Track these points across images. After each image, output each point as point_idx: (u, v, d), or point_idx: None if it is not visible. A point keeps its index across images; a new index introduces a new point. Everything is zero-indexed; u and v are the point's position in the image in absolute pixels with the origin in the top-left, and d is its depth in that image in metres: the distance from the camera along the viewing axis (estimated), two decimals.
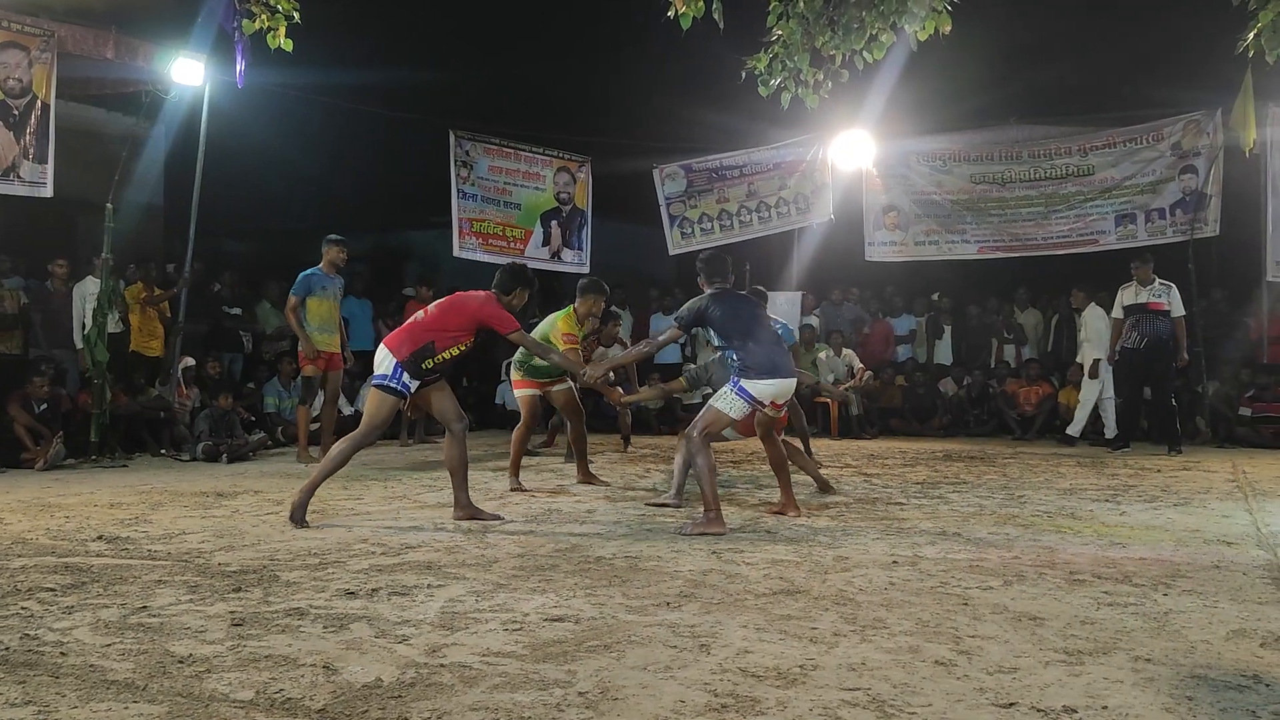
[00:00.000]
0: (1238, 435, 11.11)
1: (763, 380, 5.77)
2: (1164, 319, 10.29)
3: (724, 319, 5.88)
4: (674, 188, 13.67)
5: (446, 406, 6.00)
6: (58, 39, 8.68)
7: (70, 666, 3.13)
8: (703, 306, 5.93)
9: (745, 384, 5.77)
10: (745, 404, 5.81)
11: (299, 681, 3.00)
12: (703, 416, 5.87)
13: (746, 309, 6.02)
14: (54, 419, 8.93)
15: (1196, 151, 11.81)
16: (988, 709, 2.80)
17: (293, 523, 5.64)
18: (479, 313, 5.83)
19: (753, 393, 5.77)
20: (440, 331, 5.75)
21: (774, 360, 5.85)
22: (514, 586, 4.21)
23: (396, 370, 5.70)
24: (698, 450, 5.73)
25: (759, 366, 5.78)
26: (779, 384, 5.86)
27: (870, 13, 6.43)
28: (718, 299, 5.95)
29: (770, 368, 5.80)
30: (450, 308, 5.90)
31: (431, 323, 5.79)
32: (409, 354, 5.69)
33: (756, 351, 5.80)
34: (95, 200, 9.57)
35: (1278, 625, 3.67)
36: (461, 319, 5.81)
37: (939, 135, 13.12)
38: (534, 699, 2.85)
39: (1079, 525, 5.85)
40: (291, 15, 7.07)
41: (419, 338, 5.74)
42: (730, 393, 5.80)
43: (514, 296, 6.03)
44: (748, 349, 5.81)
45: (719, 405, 5.82)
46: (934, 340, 13.62)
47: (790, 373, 5.99)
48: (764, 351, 5.83)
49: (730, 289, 6.10)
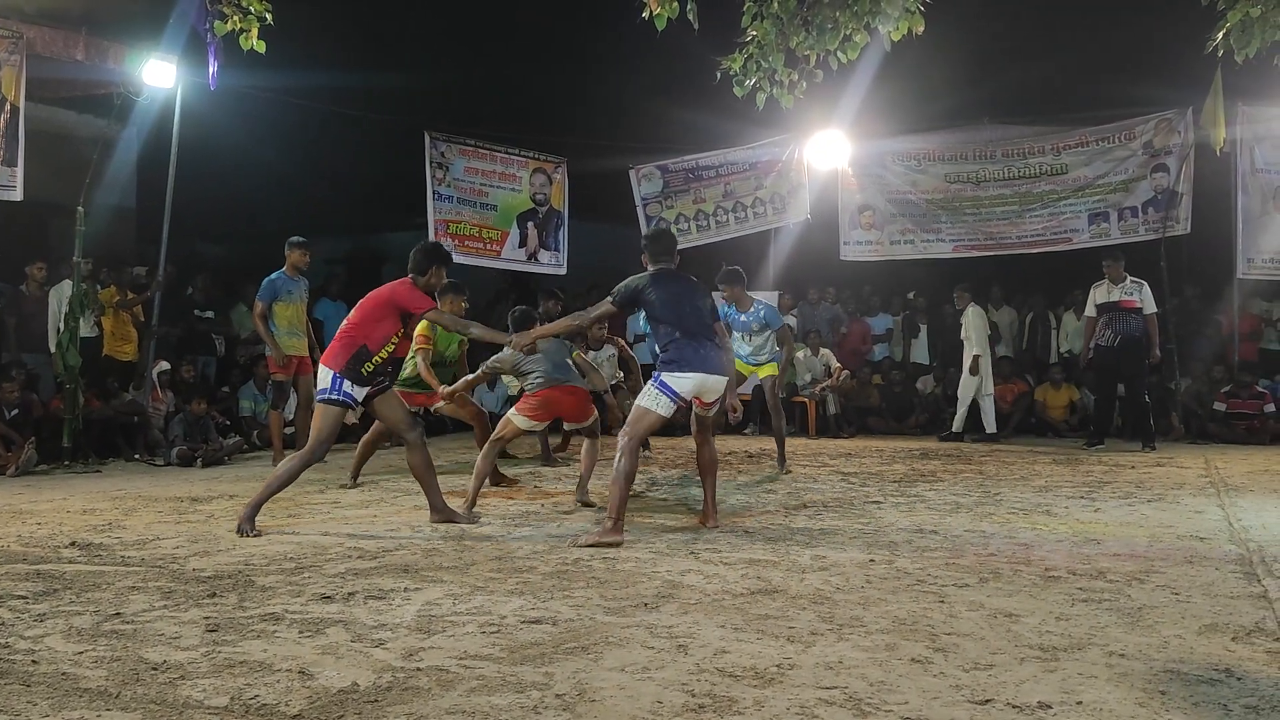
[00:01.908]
0: (1210, 431, 11.21)
1: (683, 374, 5.48)
2: (1137, 316, 10.38)
3: (659, 302, 5.60)
4: (651, 188, 13.67)
5: (397, 415, 5.97)
6: (27, 41, 8.58)
7: (42, 675, 3.10)
8: (640, 286, 5.67)
9: (665, 378, 5.50)
10: (669, 400, 5.51)
11: (274, 687, 2.98)
12: (630, 416, 5.60)
13: (686, 295, 5.70)
14: (26, 424, 8.83)
15: (1168, 150, 11.92)
16: (964, 706, 2.82)
17: (239, 534, 5.49)
18: (391, 298, 5.77)
19: (674, 387, 5.49)
20: (364, 330, 5.70)
21: (700, 354, 5.53)
22: (491, 589, 4.20)
23: (335, 381, 5.66)
24: (623, 453, 5.39)
25: (681, 359, 5.48)
26: (702, 379, 5.54)
27: (844, 13, 6.46)
28: (658, 280, 5.67)
29: (694, 361, 5.49)
30: (367, 303, 5.85)
31: (355, 326, 5.76)
32: (345, 362, 5.67)
33: (683, 343, 5.51)
34: (66, 203, 9.47)
35: (1249, 619, 3.71)
36: (378, 309, 5.75)
37: (914, 135, 13.18)
38: (511, 702, 2.85)
39: (1054, 522, 5.89)
40: (264, 16, 7.02)
41: (349, 345, 5.70)
42: (653, 387, 5.53)
43: (430, 275, 5.89)
44: (674, 339, 5.52)
45: (644, 403, 5.55)
46: (910, 339, 13.67)
47: (719, 369, 5.63)
48: (691, 344, 5.52)
49: (673, 271, 5.82)
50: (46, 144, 9.71)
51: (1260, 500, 6.76)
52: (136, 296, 10.33)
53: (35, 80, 8.94)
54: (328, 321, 11.83)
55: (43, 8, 8.65)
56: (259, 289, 8.84)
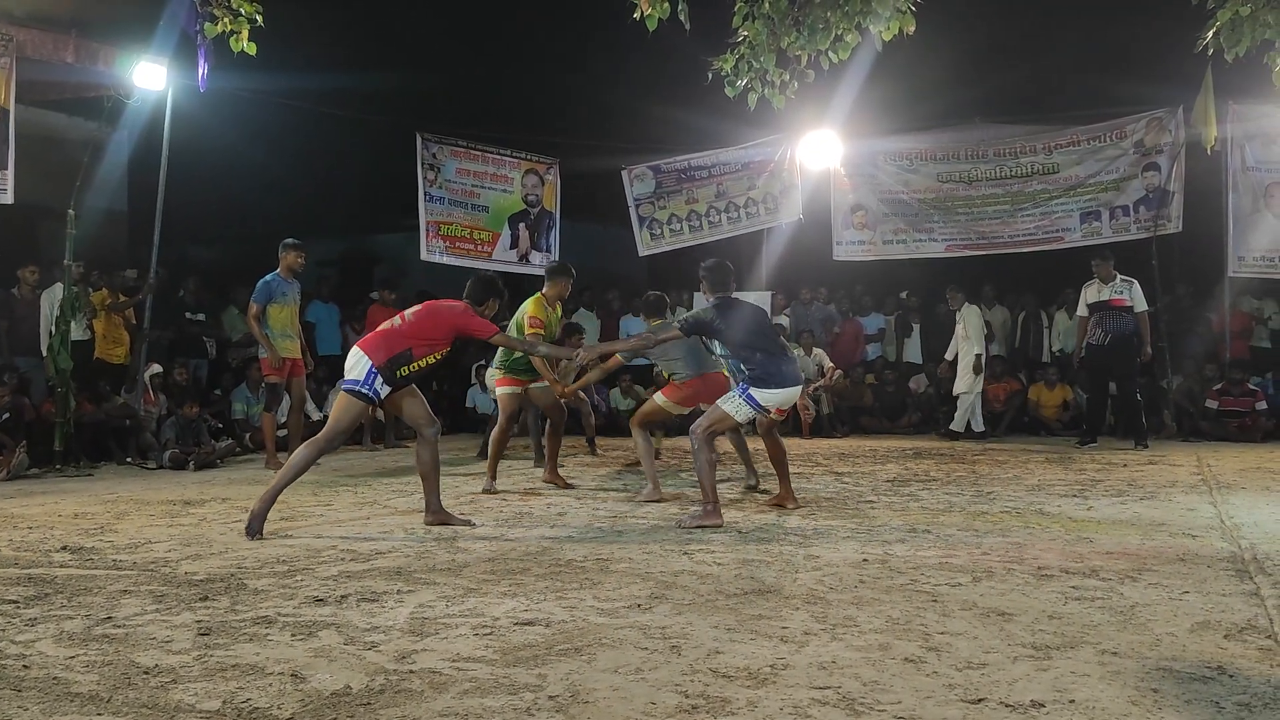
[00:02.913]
0: (1202, 429, 11.25)
1: (774, 390, 5.93)
2: (1128, 315, 10.41)
3: (731, 331, 6.01)
4: (643, 189, 13.67)
5: (418, 411, 5.96)
6: (17, 43, 8.56)
7: (33, 679, 3.08)
8: (708, 320, 6.08)
9: (755, 392, 5.91)
10: (751, 410, 5.99)
11: (266, 690, 2.97)
12: (708, 416, 6.03)
13: (753, 319, 6.18)
14: (17, 428, 8.80)
15: (1159, 149, 11.96)
16: (956, 705, 2.82)
17: (248, 534, 5.42)
18: (457, 323, 5.84)
19: (761, 401, 5.93)
20: (418, 340, 5.70)
21: (784, 370, 6.02)
22: (484, 591, 4.19)
23: (370, 375, 5.62)
24: (700, 446, 5.87)
25: (771, 377, 5.93)
26: (788, 393, 6.04)
27: (835, 13, 6.47)
28: (722, 311, 6.08)
29: (781, 377, 5.97)
30: (428, 316, 5.83)
31: (409, 331, 5.74)
32: (385, 360, 5.62)
33: (768, 363, 5.95)
34: (57, 206, 9.45)
35: (1241, 616, 3.71)
36: (441, 329, 5.78)
37: (905, 135, 13.21)
38: (504, 704, 2.84)
39: (1047, 521, 5.90)
40: (254, 18, 7.00)
41: (395, 345, 5.67)
42: (738, 398, 5.96)
43: (486, 306, 6.11)
44: (756, 360, 5.94)
45: (726, 408, 5.98)
46: (903, 338, 13.71)
47: (798, 380, 6.18)
48: (775, 362, 6.00)
49: (733, 298, 6.22)
50: (37, 147, 9.69)
51: (1252, 498, 6.78)
52: (128, 299, 10.31)
53: (25, 83, 8.92)
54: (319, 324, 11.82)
55: (33, 10, 8.63)
56: (253, 291, 8.82)
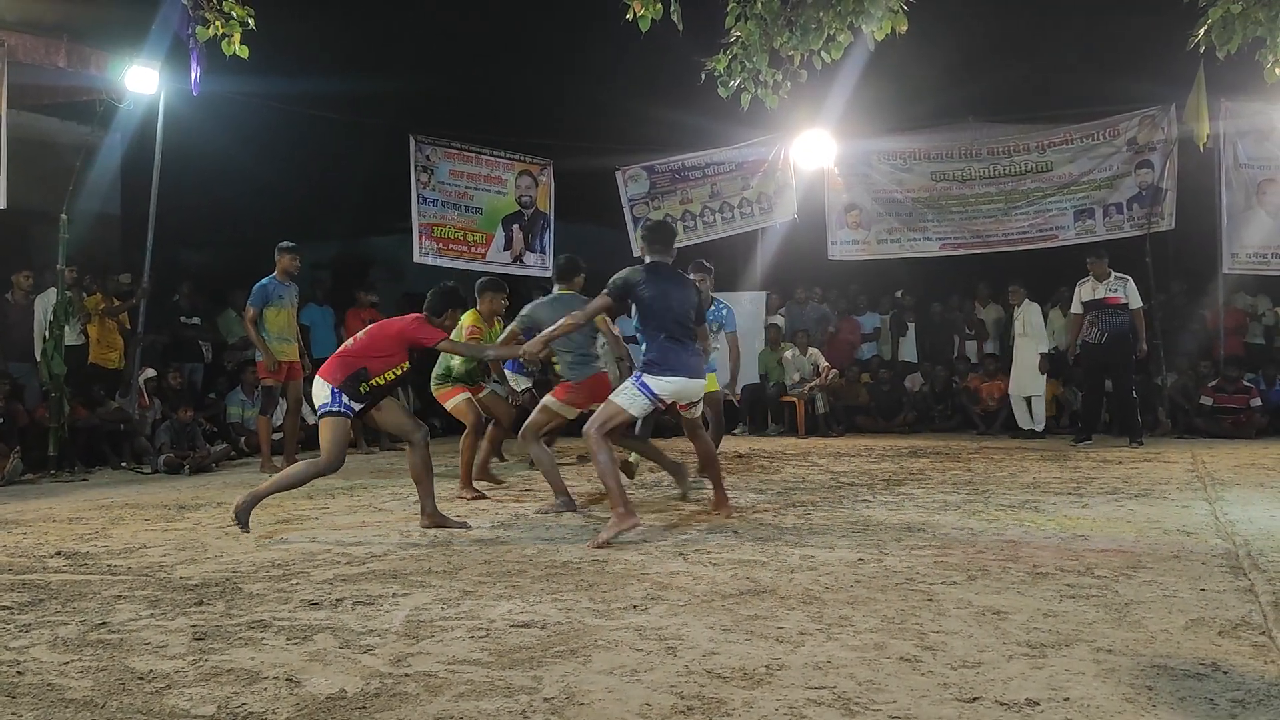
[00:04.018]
0: (1197, 426, 11.26)
1: (665, 378, 5.41)
2: (1123, 312, 10.42)
3: (651, 299, 5.48)
4: (637, 189, 13.69)
5: (400, 420, 5.95)
6: (8, 48, 8.53)
7: (27, 685, 3.08)
8: (636, 280, 5.51)
9: (648, 379, 5.41)
10: (647, 400, 5.46)
11: (262, 695, 2.96)
12: (601, 412, 5.49)
13: (677, 293, 5.58)
14: (11, 433, 8.78)
15: (1152, 146, 11.99)
16: (952, 704, 2.82)
17: (236, 521, 5.43)
18: (405, 333, 5.73)
19: (655, 389, 5.41)
20: (370, 357, 5.66)
21: (682, 357, 5.46)
22: (480, 593, 4.19)
23: (335, 395, 5.61)
24: (597, 447, 5.33)
25: (664, 362, 5.40)
26: (682, 383, 5.49)
27: (828, 13, 6.48)
28: (653, 274, 5.55)
29: (676, 365, 5.42)
30: (378, 332, 5.81)
31: (359, 350, 5.72)
32: (343, 379, 5.62)
33: (666, 346, 5.43)
34: (50, 210, 9.43)
35: (1235, 614, 3.72)
36: (390, 342, 5.71)
37: (899, 134, 13.23)
38: (499, 706, 2.84)
39: (1042, 519, 5.91)
40: (246, 22, 6.99)
41: (350, 365, 5.65)
42: (632, 386, 5.45)
43: (445, 318, 5.93)
44: (658, 341, 5.43)
45: (619, 400, 5.46)
46: (898, 337, 13.72)
47: (699, 374, 5.61)
48: (678, 349, 5.45)
49: (668, 266, 5.68)
50: (29, 151, 9.66)
51: (1246, 494, 6.79)
52: (122, 303, 10.29)
53: (17, 87, 8.89)
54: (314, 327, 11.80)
55: (24, 15, 8.60)
56: (250, 294, 8.82)
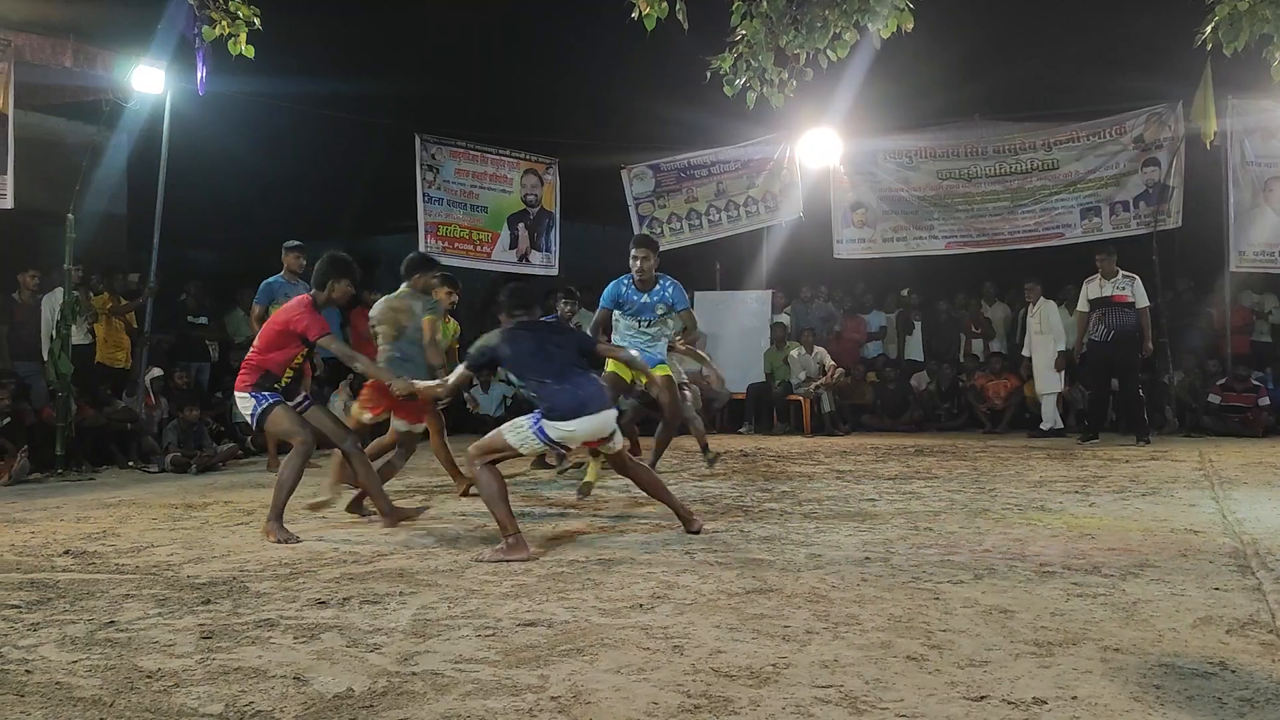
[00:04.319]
0: (1204, 424, 11.24)
1: (563, 424, 5.12)
2: (1129, 311, 10.40)
3: (516, 359, 5.27)
4: (642, 188, 13.68)
5: (328, 427, 5.85)
6: (15, 48, 8.56)
7: (36, 684, 3.09)
8: (492, 345, 5.31)
9: (545, 424, 5.14)
10: (538, 443, 5.24)
11: (269, 694, 2.97)
12: (487, 440, 5.30)
13: (543, 341, 5.30)
14: (18, 433, 8.80)
15: (1159, 144, 11.96)
16: (959, 702, 2.82)
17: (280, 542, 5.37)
18: (287, 325, 5.59)
19: (552, 435, 5.16)
20: (264, 355, 5.59)
21: (578, 398, 5.16)
22: (486, 592, 4.19)
23: (255, 398, 5.57)
24: (479, 472, 5.13)
25: (559, 407, 5.12)
26: (586, 423, 5.16)
27: (833, 11, 6.47)
28: (510, 336, 5.30)
29: (574, 406, 5.13)
30: (267, 330, 5.70)
31: (257, 352, 5.64)
32: (254, 382, 5.58)
33: (557, 391, 5.15)
34: (57, 210, 9.45)
35: (1243, 612, 3.71)
36: (278, 336, 5.61)
37: (905, 133, 13.21)
38: (506, 705, 2.84)
39: (1049, 517, 5.90)
40: (252, 21, 7.01)
41: (254, 370, 5.60)
42: (528, 428, 5.19)
43: (331, 289, 5.71)
44: (546, 387, 5.17)
45: (510, 437, 5.22)
46: (904, 336, 13.70)
47: (602, 403, 5.25)
48: (565, 390, 5.16)
49: (531, 322, 5.39)
50: (36, 151, 9.70)
51: (1254, 493, 6.77)
52: (129, 303, 10.31)
53: (24, 87, 8.92)
54: None
55: (30, 15, 8.63)
56: (256, 292, 8.83)
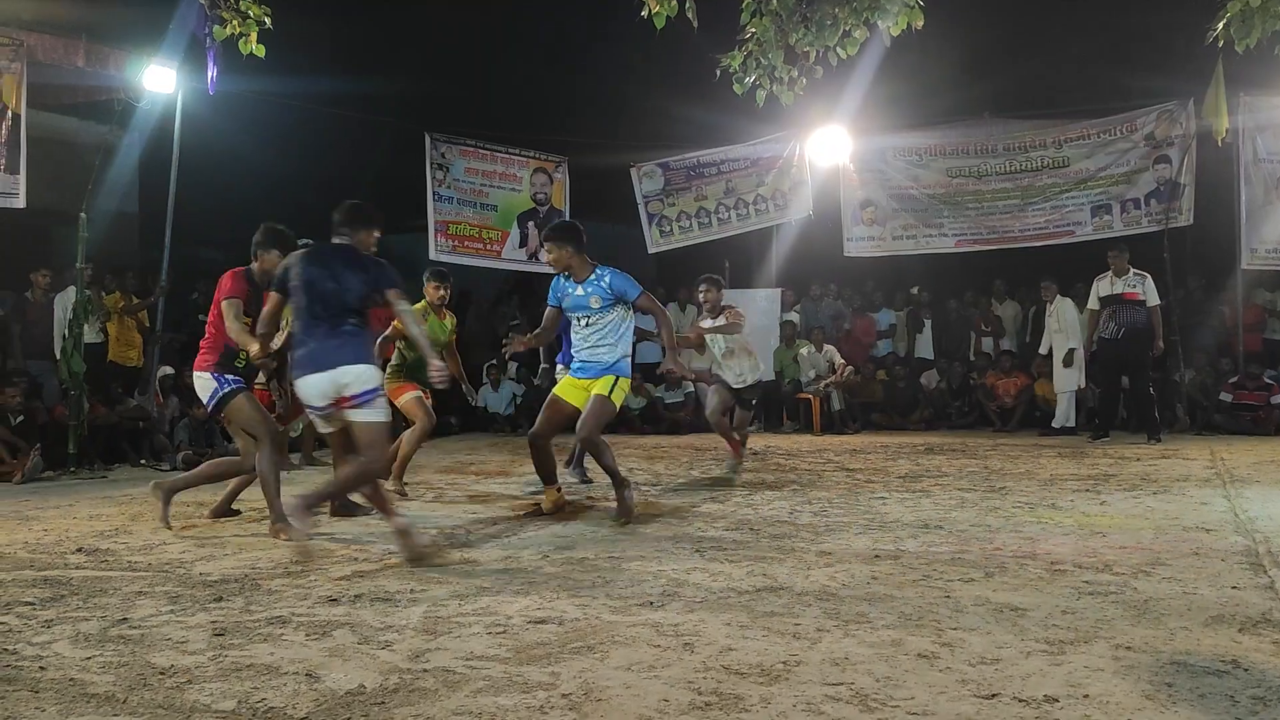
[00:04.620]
0: (1215, 423, 11.20)
1: (299, 376, 4.70)
2: (1140, 308, 10.37)
3: (293, 287, 4.73)
4: (652, 186, 13.68)
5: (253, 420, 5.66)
6: (27, 48, 8.61)
7: (50, 680, 3.10)
8: (287, 264, 4.83)
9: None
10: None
11: (281, 690, 2.98)
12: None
13: (327, 271, 4.70)
14: (31, 431, 8.84)
15: (1170, 141, 11.91)
16: (970, 700, 2.82)
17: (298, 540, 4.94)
18: (219, 294, 5.55)
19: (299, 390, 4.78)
20: (217, 330, 5.57)
21: (308, 348, 4.64)
22: (497, 590, 4.20)
23: (219, 380, 5.53)
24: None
25: (298, 359, 4.69)
26: (303, 384, 4.70)
27: (843, 9, 6.46)
28: (306, 258, 4.79)
29: (304, 360, 4.64)
30: (213, 308, 5.65)
31: (212, 330, 5.61)
32: (216, 361, 5.55)
33: (298, 338, 4.73)
34: (69, 210, 9.50)
35: (1256, 611, 3.70)
36: (218, 308, 5.58)
37: (915, 130, 13.19)
38: (517, 702, 2.85)
39: (1060, 515, 5.88)
40: (263, 21, 7.02)
41: (213, 346, 5.57)
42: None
43: (261, 260, 5.59)
44: (296, 334, 4.76)
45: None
46: (914, 334, 13.69)
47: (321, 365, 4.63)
48: (303, 337, 4.69)
49: (336, 245, 4.84)
50: (48, 151, 9.75)
51: (1266, 491, 6.74)
52: (141, 302, 10.35)
53: (36, 87, 8.97)
54: None
55: (43, 15, 8.68)
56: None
